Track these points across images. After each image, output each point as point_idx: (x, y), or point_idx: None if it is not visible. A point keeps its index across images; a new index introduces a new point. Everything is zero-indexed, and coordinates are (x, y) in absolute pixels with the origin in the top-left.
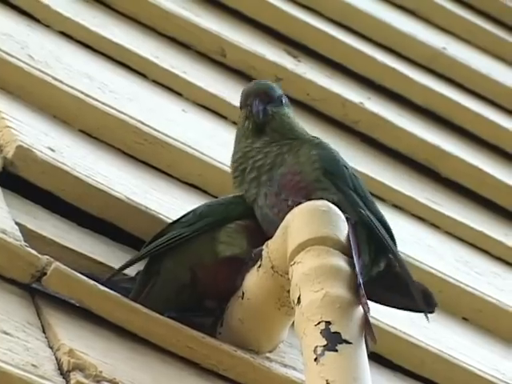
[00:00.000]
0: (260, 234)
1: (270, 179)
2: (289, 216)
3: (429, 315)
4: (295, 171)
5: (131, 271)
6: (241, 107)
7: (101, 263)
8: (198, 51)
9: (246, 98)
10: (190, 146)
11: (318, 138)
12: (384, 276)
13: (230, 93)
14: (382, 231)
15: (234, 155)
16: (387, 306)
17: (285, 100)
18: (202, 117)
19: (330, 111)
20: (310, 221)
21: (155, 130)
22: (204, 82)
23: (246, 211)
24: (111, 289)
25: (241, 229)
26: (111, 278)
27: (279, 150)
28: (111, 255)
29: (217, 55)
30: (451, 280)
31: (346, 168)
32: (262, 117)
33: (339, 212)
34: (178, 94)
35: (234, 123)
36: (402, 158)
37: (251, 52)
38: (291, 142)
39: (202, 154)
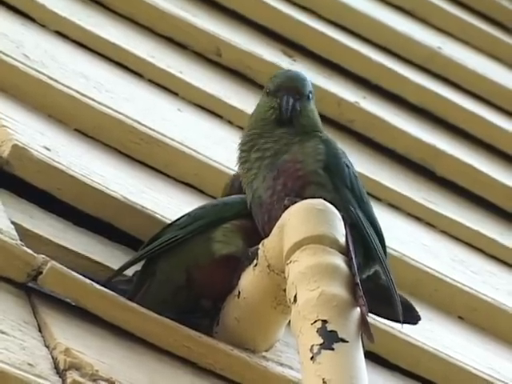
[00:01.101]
0: (255, 233)
1: (272, 164)
2: (285, 214)
3: (424, 314)
4: (297, 159)
5: (128, 272)
6: (267, 91)
7: (97, 262)
8: (194, 51)
9: (277, 89)
10: (186, 146)
11: (327, 135)
12: (370, 281)
13: (226, 92)
14: (372, 234)
15: (248, 130)
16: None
17: (312, 92)
18: (198, 116)
19: (325, 110)
20: (306, 219)
21: (151, 129)
22: (200, 81)
23: (241, 212)
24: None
25: (236, 228)
26: (110, 280)
27: (290, 140)
28: (107, 254)
29: (213, 55)
30: (447, 279)
31: (348, 167)
32: (289, 114)
33: (336, 211)
34: (174, 94)
35: (230, 122)
36: (398, 157)
37: (247, 52)
38: (303, 135)
39: (198, 153)
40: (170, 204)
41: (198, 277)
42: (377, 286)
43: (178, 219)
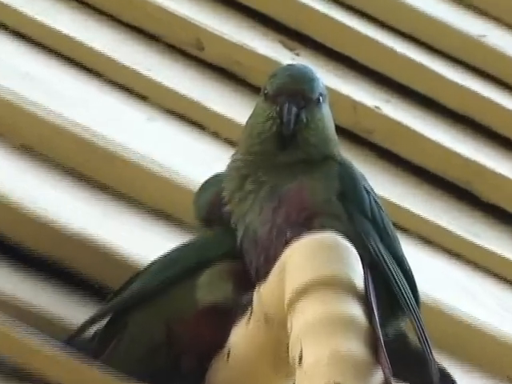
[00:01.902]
0: (249, 277)
1: (273, 193)
2: (287, 251)
3: (463, 376)
4: (304, 186)
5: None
6: (265, 93)
7: (50, 315)
8: (169, 44)
9: (277, 93)
10: (158, 165)
11: (342, 156)
12: (396, 338)
13: (210, 96)
14: (399, 277)
15: (243, 150)
16: None
17: (323, 95)
18: (174, 127)
19: (337, 118)
20: (313, 257)
21: (113, 143)
22: (176, 82)
23: (229, 252)
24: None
25: (225, 272)
26: (71, 340)
27: (294, 171)
28: (62, 305)
29: (192, 49)
30: (493, 332)
31: (367, 192)
32: (292, 128)
33: (351, 247)
34: (143, 98)
35: (215, 134)
36: (430, 176)
37: (236, 44)
38: (311, 163)
39: (173, 173)
40: (138, 238)
41: (180, 331)
42: (404, 343)
43: (153, 263)
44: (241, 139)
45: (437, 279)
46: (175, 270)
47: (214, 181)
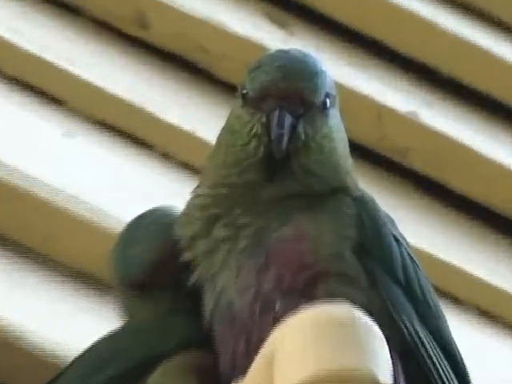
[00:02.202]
0: (219, 372)
1: (256, 245)
2: (276, 333)
3: None
4: (303, 234)
5: None
6: (243, 93)
7: None
8: (97, 20)
9: (262, 95)
10: (79, 203)
11: (361, 190)
12: None
13: (160, 98)
14: (445, 369)
15: (209, 183)
16: None
17: (331, 96)
18: (104, 146)
19: (353, 130)
20: (316, 341)
21: (13, 173)
22: (109, 77)
23: (191, 338)
24: None
25: (184, 364)
26: None
27: (289, 208)
28: None
29: (133, 27)
30: None
31: (398, 242)
32: (286, 147)
33: (374, 325)
34: (58, 103)
35: (166, 156)
36: (492, 217)
37: (197, 20)
38: (315, 198)
39: (104, 216)
40: (59, 316)
41: None
42: None
43: (79, 359)
44: (208, 165)
45: (498, 368)
46: (114, 370)
47: (150, 223)
